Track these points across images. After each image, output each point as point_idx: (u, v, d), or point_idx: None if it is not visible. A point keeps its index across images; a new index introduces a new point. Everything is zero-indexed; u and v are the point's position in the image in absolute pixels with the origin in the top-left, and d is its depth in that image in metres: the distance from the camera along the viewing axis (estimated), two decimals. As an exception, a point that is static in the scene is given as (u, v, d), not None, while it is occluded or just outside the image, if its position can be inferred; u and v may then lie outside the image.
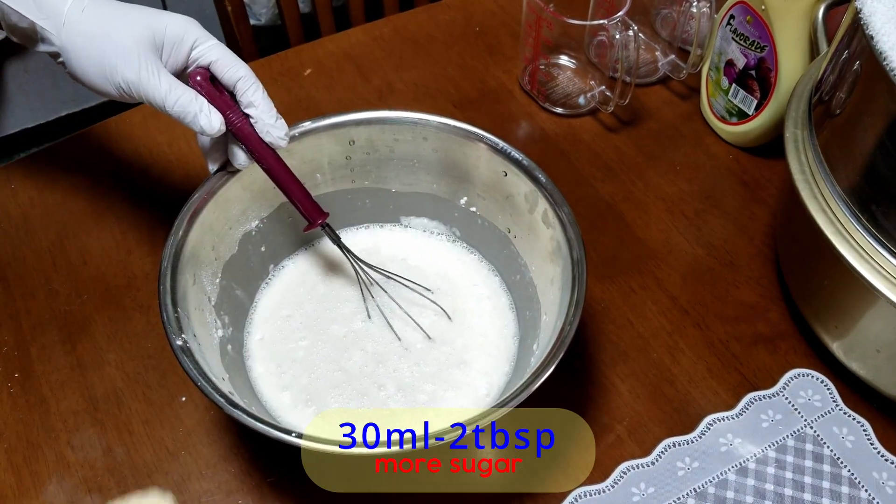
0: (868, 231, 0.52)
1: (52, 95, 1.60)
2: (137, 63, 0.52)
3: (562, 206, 0.56)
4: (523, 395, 0.48)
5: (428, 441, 0.46)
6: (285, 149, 0.57)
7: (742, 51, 0.72)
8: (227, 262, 0.59)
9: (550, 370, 0.49)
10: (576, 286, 0.53)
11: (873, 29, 0.48)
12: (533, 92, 0.81)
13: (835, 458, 0.58)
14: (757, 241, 0.71)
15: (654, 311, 0.66)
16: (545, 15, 0.74)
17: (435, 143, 0.61)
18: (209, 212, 0.57)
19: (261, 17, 1.59)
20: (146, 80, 0.52)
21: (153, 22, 0.53)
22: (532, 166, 0.58)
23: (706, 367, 0.63)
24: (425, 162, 0.63)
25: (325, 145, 0.61)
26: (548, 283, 0.57)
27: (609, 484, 0.56)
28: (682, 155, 0.77)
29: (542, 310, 0.57)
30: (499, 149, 0.59)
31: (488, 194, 0.62)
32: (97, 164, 0.75)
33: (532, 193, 0.58)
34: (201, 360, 0.50)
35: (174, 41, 0.54)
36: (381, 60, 0.84)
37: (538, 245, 0.59)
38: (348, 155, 0.62)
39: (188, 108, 0.53)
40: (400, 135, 0.61)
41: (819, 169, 0.56)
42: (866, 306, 0.55)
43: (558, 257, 0.56)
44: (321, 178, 0.63)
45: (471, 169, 0.62)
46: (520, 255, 0.61)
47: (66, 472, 0.57)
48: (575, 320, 0.51)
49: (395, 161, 0.63)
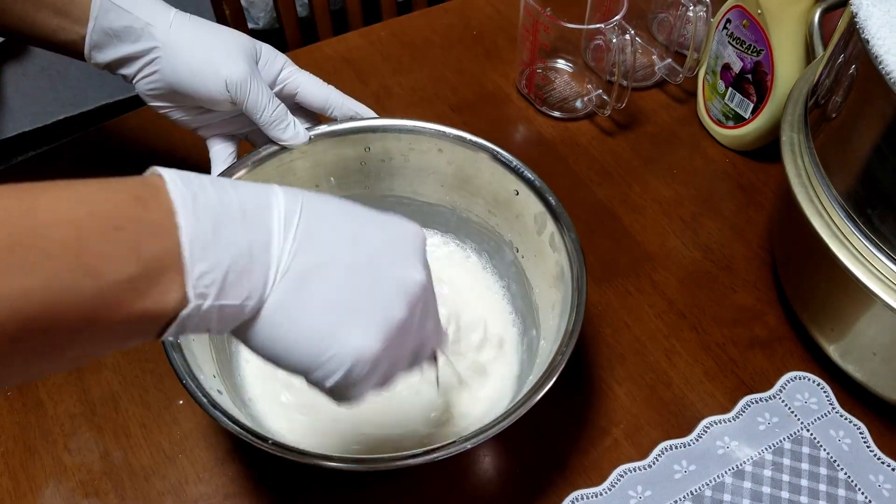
0: (864, 235, 0.52)
1: (50, 99, 1.60)
2: (246, 64, 0.55)
3: (569, 231, 0.55)
4: (502, 424, 0.47)
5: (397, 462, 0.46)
6: (300, 150, 0.59)
7: (738, 54, 0.72)
8: None
9: (535, 401, 0.48)
10: (573, 313, 0.52)
11: (869, 33, 0.49)
12: (530, 96, 0.81)
13: (831, 460, 0.58)
14: (754, 244, 0.71)
15: (650, 314, 0.66)
16: (542, 19, 0.74)
17: (450, 155, 0.61)
18: None
19: (259, 20, 1.60)
20: (254, 81, 0.55)
21: (249, 38, 0.57)
22: (544, 188, 0.58)
23: (703, 370, 0.63)
24: (439, 173, 0.63)
25: (341, 150, 0.61)
26: (549, 307, 0.57)
27: (606, 487, 0.56)
28: (678, 158, 0.77)
29: (541, 335, 0.57)
30: (512, 167, 0.59)
31: (499, 211, 0.62)
32: (94, 167, 0.75)
33: (541, 215, 0.58)
34: (189, 356, 0.49)
35: (268, 58, 0.58)
36: (379, 64, 0.84)
37: (543, 268, 0.58)
38: (363, 161, 0.62)
39: (285, 116, 0.57)
40: (416, 144, 0.61)
41: (815, 173, 0.56)
42: (862, 310, 0.55)
43: (561, 283, 0.55)
44: (335, 182, 0.63)
45: (483, 184, 0.61)
46: (526, 276, 0.61)
47: (63, 476, 0.56)
48: (568, 350, 0.50)
49: (410, 170, 0.63)
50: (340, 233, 0.37)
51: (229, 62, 0.54)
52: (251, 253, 0.34)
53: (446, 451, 0.46)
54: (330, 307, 0.35)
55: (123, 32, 0.54)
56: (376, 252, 0.37)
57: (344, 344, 0.35)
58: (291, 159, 0.60)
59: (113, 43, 0.55)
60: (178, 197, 0.33)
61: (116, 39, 0.55)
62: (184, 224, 0.32)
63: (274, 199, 0.36)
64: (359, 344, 0.35)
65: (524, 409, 0.47)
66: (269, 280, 0.34)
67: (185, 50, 0.55)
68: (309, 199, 0.37)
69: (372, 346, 0.36)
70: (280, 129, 0.57)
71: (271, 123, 0.56)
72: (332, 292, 0.35)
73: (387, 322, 0.36)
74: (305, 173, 0.61)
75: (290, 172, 0.60)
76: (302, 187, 0.60)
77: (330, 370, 0.36)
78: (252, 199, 0.35)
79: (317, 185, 0.62)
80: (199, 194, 0.34)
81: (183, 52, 0.55)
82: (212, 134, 0.60)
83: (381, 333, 0.36)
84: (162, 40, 0.54)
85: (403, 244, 0.39)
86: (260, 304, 0.35)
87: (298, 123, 0.58)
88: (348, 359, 0.35)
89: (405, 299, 0.37)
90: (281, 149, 0.59)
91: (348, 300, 0.36)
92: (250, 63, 0.56)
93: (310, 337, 0.35)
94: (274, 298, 0.34)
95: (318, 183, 0.62)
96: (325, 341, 0.35)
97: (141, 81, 0.56)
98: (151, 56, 0.55)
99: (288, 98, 0.59)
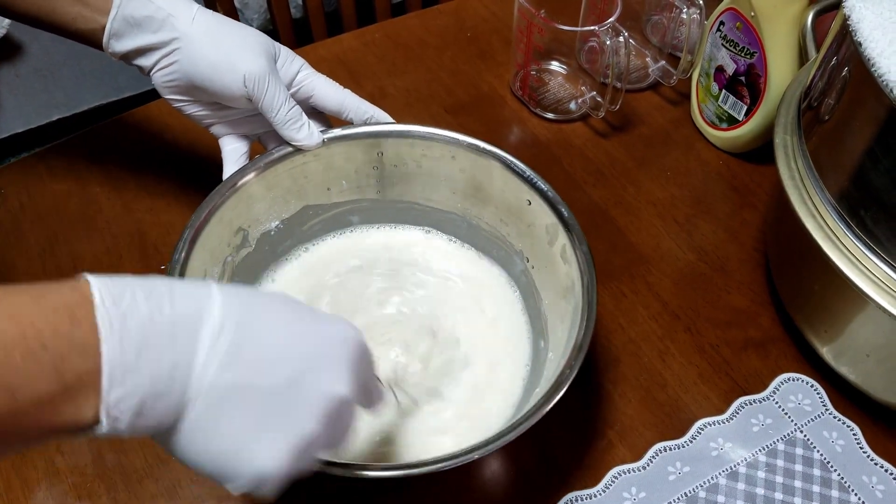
0: (857, 236, 0.52)
1: (44, 100, 1.60)
2: (265, 61, 0.55)
3: (581, 243, 0.55)
4: (510, 436, 0.46)
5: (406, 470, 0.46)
6: (313, 153, 0.59)
7: (732, 57, 0.72)
8: (242, 259, 0.59)
9: (540, 416, 0.47)
10: (583, 328, 0.51)
11: (861, 35, 0.49)
12: (524, 97, 0.81)
13: (825, 462, 0.58)
14: (747, 246, 0.71)
15: (645, 315, 0.66)
16: (536, 21, 0.74)
17: (463, 162, 0.61)
18: (228, 208, 0.57)
19: (253, 22, 1.60)
20: (272, 78, 0.55)
21: (269, 38, 0.58)
22: (556, 199, 0.57)
23: (697, 371, 0.63)
24: (451, 180, 0.62)
25: (353, 154, 0.61)
26: (558, 319, 0.56)
27: (600, 489, 0.56)
28: (672, 160, 0.78)
29: (549, 346, 0.57)
30: (525, 176, 0.58)
31: (511, 221, 0.61)
32: (88, 168, 0.75)
33: (553, 226, 0.57)
34: None
35: (286, 59, 0.58)
36: (374, 65, 0.84)
37: (554, 279, 0.58)
38: (376, 165, 0.62)
39: (300, 116, 0.57)
40: (429, 151, 0.61)
41: (808, 174, 0.56)
42: (856, 311, 0.55)
43: (571, 296, 0.55)
44: (346, 185, 0.63)
45: (496, 193, 0.61)
46: (536, 287, 0.61)
47: (56, 479, 0.56)
48: (576, 365, 0.49)
49: (422, 176, 0.63)
50: (269, 347, 0.37)
51: (249, 58, 0.54)
52: (172, 376, 0.34)
53: (453, 461, 0.45)
54: (242, 429, 0.36)
55: (145, 22, 0.55)
56: (301, 366, 0.37)
57: (250, 464, 0.36)
58: (304, 162, 0.60)
59: (133, 32, 0.55)
60: (105, 321, 0.32)
61: (137, 29, 0.55)
62: (106, 350, 0.32)
63: (207, 314, 0.35)
64: (265, 465, 0.36)
65: (531, 422, 0.47)
66: (186, 402, 0.35)
67: (206, 43, 0.55)
68: (246, 306, 0.37)
69: (278, 466, 0.36)
70: (294, 128, 0.57)
71: (286, 123, 0.56)
72: (246, 414, 0.36)
73: (298, 439, 0.37)
74: (317, 177, 0.61)
75: (301, 176, 0.60)
76: (314, 191, 0.62)
77: (238, 486, 0.37)
78: (184, 312, 0.35)
79: (328, 189, 0.62)
80: (129, 315, 0.33)
81: (203, 45, 0.55)
82: (225, 133, 0.60)
83: (290, 452, 0.37)
84: (183, 32, 0.54)
85: (333, 354, 0.39)
86: (175, 422, 0.35)
87: (313, 125, 0.58)
88: (254, 477, 0.36)
89: (321, 413, 0.37)
90: (293, 151, 0.59)
91: (261, 421, 0.36)
92: (269, 61, 0.56)
93: (219, 455, 0.36)
94: (189, 418, 0.35)
95: (329, 186, 0.62)
96: (232, 462, 0.36)
97: (158, 73, 0.56)
98: (171, 47, 0.55)
99: (303, 101, 0.59)
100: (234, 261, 0.58)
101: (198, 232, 0.54)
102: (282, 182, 0.60)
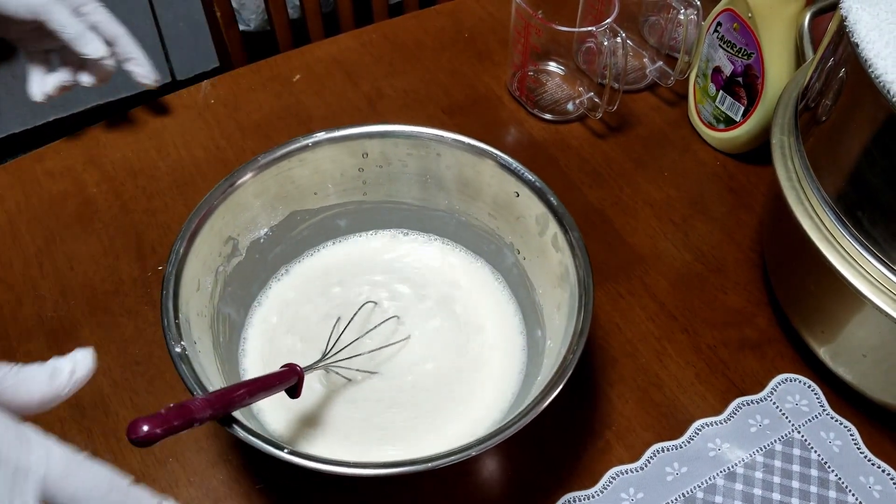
0: (854, 237, 0.52)
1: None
2: None
3: (572, 230, 0.56)
4: (515, 427, 0.47)
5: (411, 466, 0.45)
6: (297, 158, 0.59)
7: (729, 58, 0.72)
8: (233, 269, 0.59)
9: (547, 402, 0.47)
10: (581, 314, 0.52)
11: (858, 36, 0.49)
12: (522, 98, 0.81)
13: (822, 462, 0.58)
14: (744, 246, 0.71)
15: (642, 316, 0.66)
16: (534, 22, 0.74)
17: (449, 159, 0.61)
18: (218, 217, 0.56)
19: (250, 22, 1.59)
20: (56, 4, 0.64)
21: None
22: (545, 189, 0.58)
23: (694, 372, 0.63)
24: (438, 178, 0.62)
25: (338, 156, 0.61)
26: (554, 308, 0.57)
27: (598, 489, 0.56)
28: (669, 161, 0.78)
29: (547, 335, 0.57)
30: (511, 169, 0.59)
31: (500, 214, 0.62)
32: (85, 169, 0.75)
33: (543, 216, 0.58)
34: (198, 369, 0.49)
35: None
36: (371, 66, 0.84)
37: (547, 269, 0.58)
38: (361, 167, 0.62)
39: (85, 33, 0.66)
40: (414, 150, 0.61)
41: (805, 175, 0.56)
42: (852, 311, 0.55)
43: (566, 283, 0.55)
44: (332, 189, 0.63)
45: (483, 187, 0.61)
46: (528, 278, 0.61)
47: (53, 480, 0.56)
48: (578, 349, 0.50)
49: (408, 176, 0.63)
50: None
51: None
52: None
53: (452, 457, 0.45)
54: None
55: None
56: None
57: None
58: (290, 167, 0.60)
59: None
60: None
61: None
62: None
63: None
64: None
65: (536, 412, 0.47)
66: None
67: None
68: None
69: None
70: (82, 43, 0.66)
71: (74, 39, 0.65)
72: None
73: None
74: (304, 181, 0.61)
75: (288, 181, 0.60)
76: (301, 196, 0.62)
77: None
78: None
79: (315, 193, 0.62)
80: None
81: None
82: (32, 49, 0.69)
83: None
84: None
85: None
86: None
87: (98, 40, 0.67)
88: None
89: None
90: (281, 157, 0.59)
91: None
92: None
93: None
94: None
95: (316, 191, 0.62)
96: None
97: None
98: None
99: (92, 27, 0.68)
100: (226, 270, 0.58)
101: (189, 243, 0.54)
102: (269, 188, 0.60)
